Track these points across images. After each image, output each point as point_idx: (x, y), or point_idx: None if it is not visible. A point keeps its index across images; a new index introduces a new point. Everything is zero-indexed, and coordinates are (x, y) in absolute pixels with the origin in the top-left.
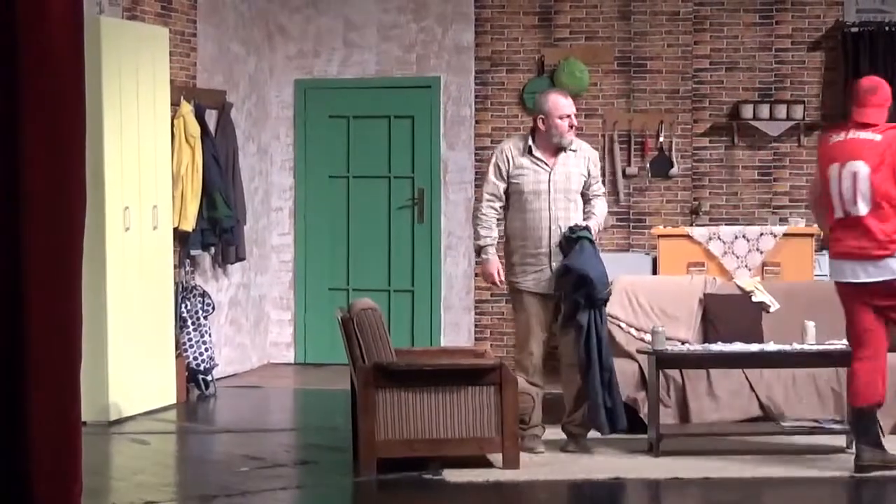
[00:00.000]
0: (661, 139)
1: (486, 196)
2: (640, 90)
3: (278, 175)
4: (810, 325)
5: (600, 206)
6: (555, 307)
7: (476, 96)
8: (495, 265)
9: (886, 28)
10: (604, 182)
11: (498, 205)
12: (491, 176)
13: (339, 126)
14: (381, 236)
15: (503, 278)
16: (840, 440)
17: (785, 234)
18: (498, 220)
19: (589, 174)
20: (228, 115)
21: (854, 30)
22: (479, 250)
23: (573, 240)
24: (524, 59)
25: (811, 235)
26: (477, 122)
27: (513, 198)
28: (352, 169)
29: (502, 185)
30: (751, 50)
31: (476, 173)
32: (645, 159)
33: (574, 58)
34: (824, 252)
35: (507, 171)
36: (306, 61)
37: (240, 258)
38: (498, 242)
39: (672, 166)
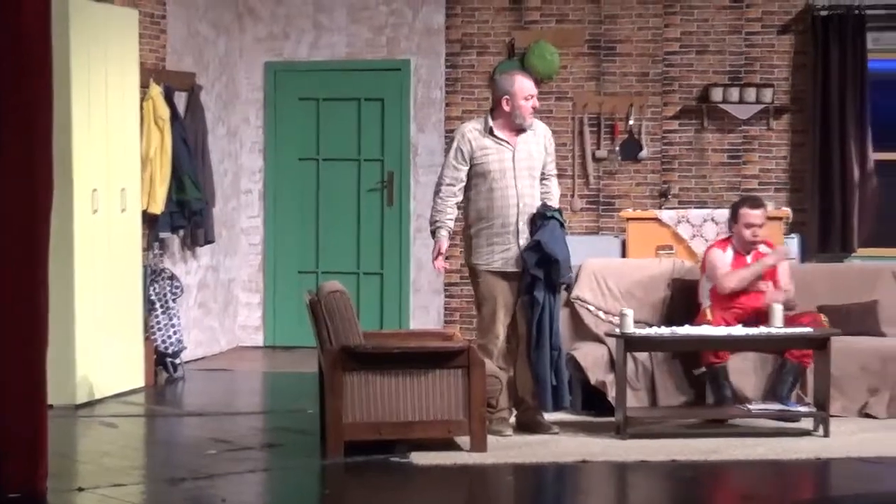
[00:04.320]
0: (631, 122)
1: (446, 180)
2: (610, 73)
3: (248, 157)
4: (777, 307)
5: (556, 187)
6: (519, 289)
7: (446, 79)
8: (441, 248)
9: (856, 12)
10: (573, 165)
11: (458, 188)
12: (452, 159)
13: (308, 108)
14: (351, 219)
15: (446, 265)
16: (807, 423)
17: None
18: (457, 204)
19: (546, 152)
20: (198, 97)
21: (823, 13)
22: (433, 233)
23: (546, 218)
24: (494, 42)
25: (780, 219)
26: (447, 104)
27: (476, 179)
28: (321, 151)
29: (464, 169)
30: (720, 33)
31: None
32: (614, 142)
33: (544, 41)
34: (793, 235)
35: (470, 154)
36: (276, 43)
37: (209, 241)
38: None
39: (641, 149)
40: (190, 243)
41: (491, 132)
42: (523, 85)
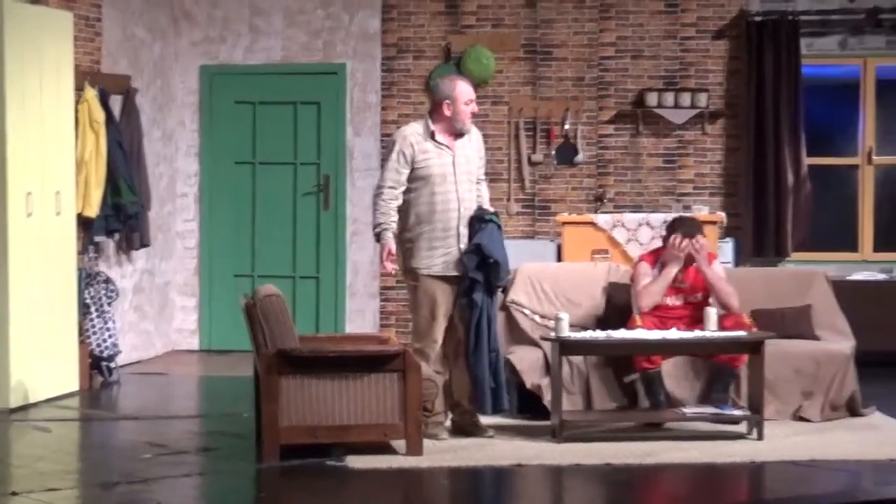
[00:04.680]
0: (567, 126)
1: (388, 183)
2: (545, 77)
3: (183, 161)
4: (711, 311)
5: (486, 190)
6: (458, 292)
7: (382, 83)
8: (390, 249)
9: (789, 17)
10: (509, 169)
11: (399, 191)
12: (393, 162)
13: (244, 112)
14: (287, 223)
15: (396, 266)
16: (741, 427)
17: None
18: (398, 206)
19: (479, 157)
20: (133, 100)
21: (758, 19)
22: (377, 236)
23: (484, 221)
24: (430, 46)
25: (715, 223)
26: (383, 108)
27: (417, 183)
28: (257, 155)
29: (406, 172)
30: (656, 38)
31: (382, 160)
32: (550, 146)
33: (480, 45)
34: (728, 239)
35: (412, 157)
36: (212, 47)
37: (144, 244)
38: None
39: (577, 154)
40: (125, 247)
41: (432, 136)
42: (464, 89)
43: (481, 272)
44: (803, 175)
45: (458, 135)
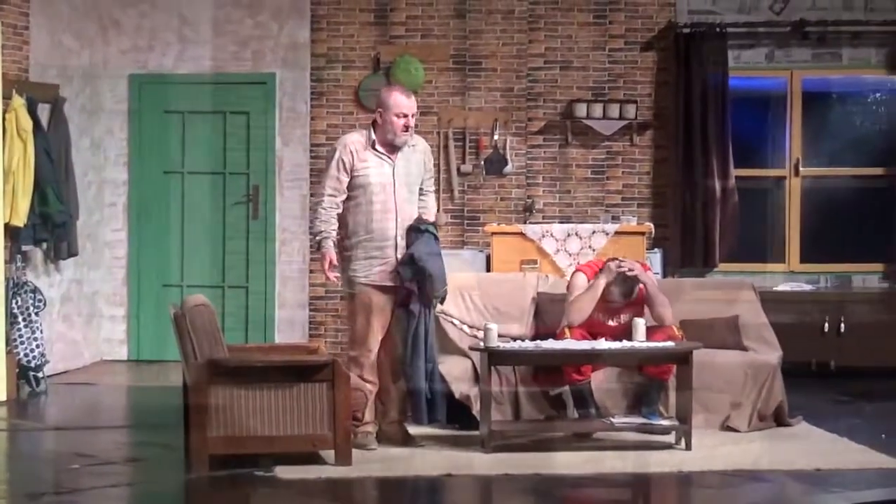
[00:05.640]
0: (496, 137)
1: (328, 190)
2: (475, 88)
3: (112, 170)
4: (640, 322)
5: (433, 202)
6: (395, 302)
7: (311, 93)
8: (331, 258)
9: (717, 29)
10: (438, 180)
11: (340, 199)
12: (333, 170)
13: (173, 121)
14: (216, 233)
15: (338, 274)
16: (670, 437)
17: (617, 233)
18: (338, 214)
19: (425, 169)
20: (61, 109)
21: (686, 30)
22: (318, 245)
23: (420, 231)
24: (360, 56)
25: (643, 234)
26: (312, 118)
27: (356, 191)
28: (186, 165)
29: (346, 180)
30: (584, 49)
31: (311, 170)
32: (479, 157)
33: (409, 55)
34: (656, 250)
35: (352, 165)
36: (141, 55)
37: (72, 254)
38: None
39: (506, 164)
40: (53, 256)
41: (373, 145)
42: (397, 101)
43: (416, 282)
44: (731, 186)
45: (393, 145)
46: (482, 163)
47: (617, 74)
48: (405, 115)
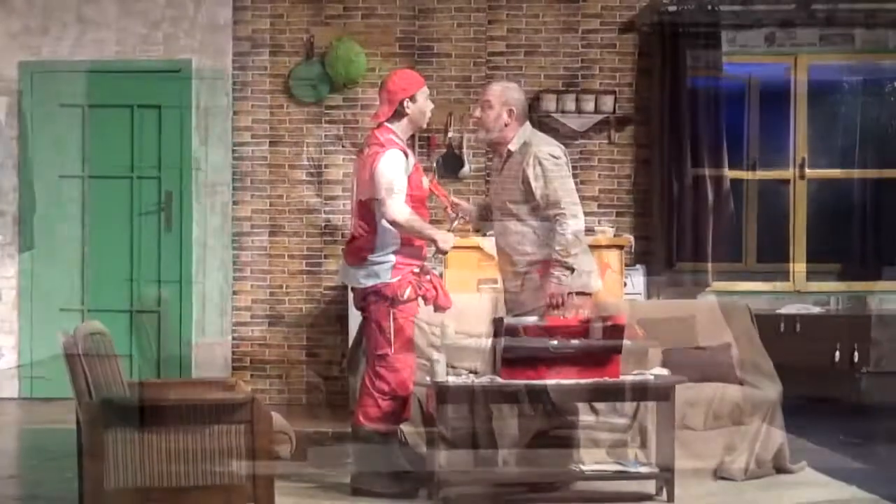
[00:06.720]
0: (451, 134)
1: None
2: (425, 77)
3: None
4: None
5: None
6: None
7: (234, 83)
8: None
9: (709, 7)
10: None
11: None
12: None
13: (72, 117)
14: (123, 247)
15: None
16: (649, 485)
17: (591, 246)
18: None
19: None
20: None
21: (672, 8)
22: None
23: None
24: (290, 40)
25: (622, 247)
26: (235, 113)
27: None
28: (88, 167)
29: None
30: (553, 32)
31: (234, 173)
32: (431, 157)
33: (349, 39)
34: (637, 266)
35: None
36: (33, 40)
37: None
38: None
39: (463, 165)
40: None
41: None
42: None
43: None
44: (725, 192)
45: None
46: (435, 164)
47: (592, 60)
48: None
